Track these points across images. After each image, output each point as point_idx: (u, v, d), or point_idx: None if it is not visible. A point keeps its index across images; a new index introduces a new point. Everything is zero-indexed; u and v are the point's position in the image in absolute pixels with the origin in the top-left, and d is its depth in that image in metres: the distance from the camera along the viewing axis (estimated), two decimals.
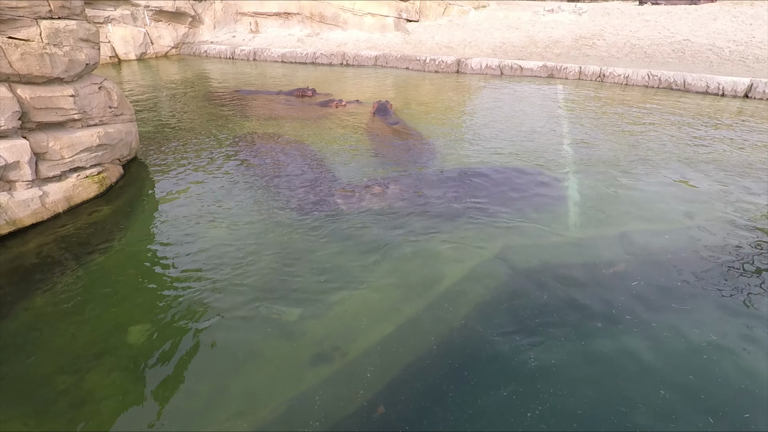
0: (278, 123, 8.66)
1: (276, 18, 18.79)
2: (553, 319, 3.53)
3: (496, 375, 3.03)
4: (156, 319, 3.54)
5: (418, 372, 3.06)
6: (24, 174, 4.74)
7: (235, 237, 4.63)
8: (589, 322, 3.50)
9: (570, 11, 18.03)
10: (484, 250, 4.43)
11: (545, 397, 2.86)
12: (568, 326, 3.45)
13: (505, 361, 3.14)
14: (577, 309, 3.64)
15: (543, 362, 3.12)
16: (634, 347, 3.26)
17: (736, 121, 8.77)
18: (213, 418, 2.76)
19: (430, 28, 17.71)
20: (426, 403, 2.84)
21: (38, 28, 4.83)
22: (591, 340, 3.32)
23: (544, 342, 3.30)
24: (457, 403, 2.83)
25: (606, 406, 2.81)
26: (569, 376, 3.01)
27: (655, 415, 2.75)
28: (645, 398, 2.85)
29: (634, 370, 3.08)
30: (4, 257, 4.30)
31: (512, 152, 7.06)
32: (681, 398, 2.86)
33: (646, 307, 3.66)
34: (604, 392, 2.90)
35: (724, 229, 4.85)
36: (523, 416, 2.74)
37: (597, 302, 3.72)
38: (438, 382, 2.98)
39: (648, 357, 3.18)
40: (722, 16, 16.04)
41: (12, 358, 3.18)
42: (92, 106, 5.54)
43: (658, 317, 3.55)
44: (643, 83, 11.82)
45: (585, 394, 2.89)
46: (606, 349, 3.25)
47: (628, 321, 3.51)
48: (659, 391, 2.90)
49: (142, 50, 16.55)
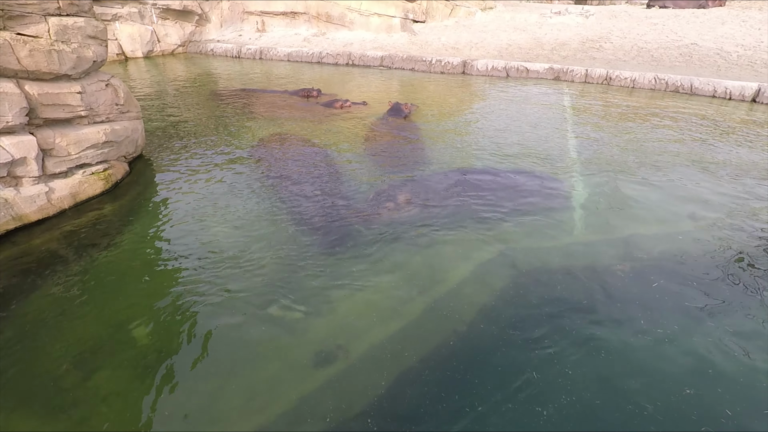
0: (283, 123, 8.67)
1: (282, 17, 18.83)
2: (557, 322, 3.51)
3: (500, 377, 3.02)
4: (160, 316, 3.54)
5: (422, 372, 3.05)
6: (30, 170, 4.77)
7: (240, 235, 4.63)
8: (593, 325, 3.48)
9: (577, 14, 17.96)
10: (488, 252, 4.41)
11: (548, 398, 2.84)
12: (571, 329, 3.43)
13: (508, 363, 3.13)
14: (581, 312, 3.62)
15: (546, 365, 3.11)
16: (638, 350, 3.24)
17: (743, 125, 8.71)
18: (216, 416, 2.76)
19: (437, 29, 17.69)
20: (429, 403, 2.83)
21: (47, 24, 4.86)
22: (595, 343, 3.30)
23: (547, 345, 3.28)
24: (460, 404, 2.81)
25: (609, 407, 2.79)
26: (573, 379, 2.99)
27: (660, 418, 2.73)
28: (649, 400, 2.83)
29: (639, 373, 3.05)
30: (10, 252, 4.33)
31: (517, 154, 7.03)
32: (685, 401, 2.83)
33: (651, 311, 3.63)
34: (607, 394, 2.88)
35: (730, 232, 4.81)
36: (527, 417, 2.73)
37: (602, 306, 3.70)
38: (441, 382, 2.97)
39: (652, 360, 3.15)
40: (730, 20, 15.94)
41: (16, 353, 3.19)
42: (99, 103, 5.56)
43: (664, 321, 3.52)
44: (649, 87, 11.76)
45: (589, 396, 2.87)
46: (610, 352, 3.22)
47: (633, 324, 3.49)
48: (664, 394, 2.88)
49: (149, 48, 16.63)
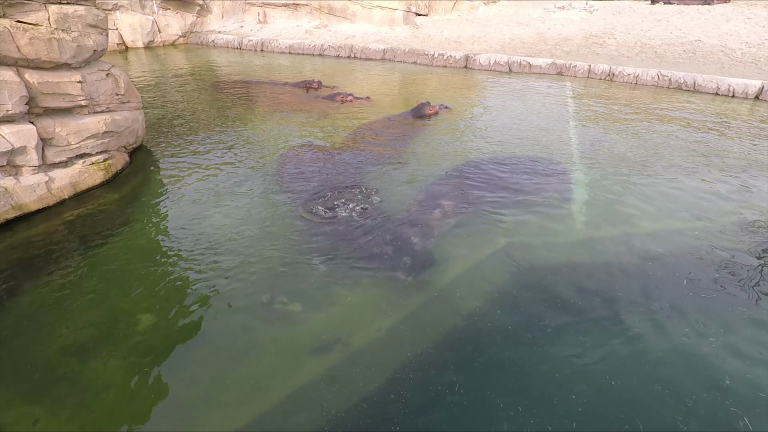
0: (283, 115, 8.63)
1: (284, 9, 18.70)
2: (557, 317, 3.51)
3: (499, 370, 3.02)
4: (159, 306, 3.54)
5: (421, 366, 3.05)
6: (30, 159, 4.75)
7: (240, 226, 4.63)
8: (594, 321, 3.48)
9: (581, 9, 17.84)
10: (489, 247, 4.40)
11: (548, 393, 2.85)
12: (572, 324, 3.43)
13: (507, 357, 3.13)
14: (582, 307, 3.62)
15: (545, 359, 3.11)
16: (639, 346, 3.24)
17: (746, 123, 8.67)
18: (214, 406, 2.77)
19: (440, 22, 17.58)
20: (427, 396, 2.83)
21: (47, 12, 4.82)
22: (596, 339, 3.30)
23: (547, 339, 3.28)
24: (458, 398, 2.82)
25: (611, 404, 2.80)
26: (573, 376, 2.99)
27: (661, 414, 2.73)
28: (651, 397, 2.84)
29: (640, 368, 3.05)
30: (10, 242, 4.32)
31: (519, 150, 7.01)
32: (686, 398, 2.84)
33: (653, 307, 3.63)
34: (608, 390, 2.89)
35: (733, 228, 4.80)
36: (527, 413, 2.73)
37: (603, 301, 3.69)
38: (440, 376, 2.98)
39: (654, 356, 3.15)
40: (735, 17, 15.83)
41: (15, 342, 3.20)
42: (99, 93, 5.53)
43: (666, 317, 3.52)
44: (652, 83, 11.70)
45: (589, 391, 2.87)
46: (611, 348, 3.23)
47: (634, 320, 3.49)
48: (665, 390, 2.89)
49: (150, 38, 16.53)
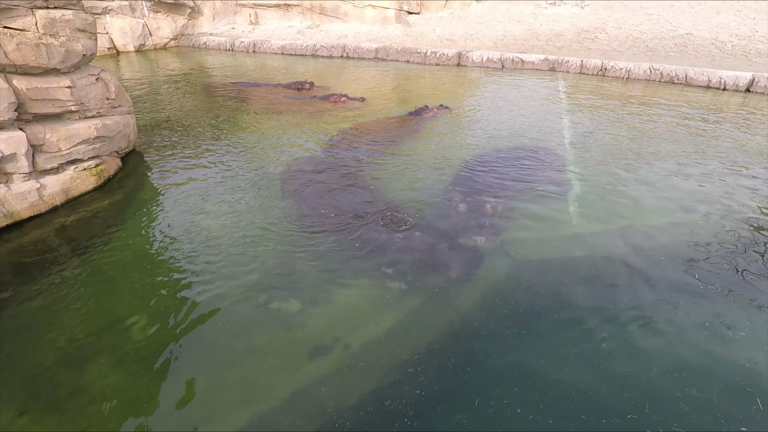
0: (275, 116, 8.59)
1: (276, 9, 18.62)
2: (553, 313, 3.51)
3: (497, 368, 3.02)
4: (154, 311, 3.52)
5: (419, 365, 3.04)
6: (21, 166, 4.70)
7: (235, 229, 4.60)
8: (590, 316, 3.48)
9: (572, 4, 17.86)
10: (485, 244, 4.40)
11: (545, 390, 2.85)
12: (567, 320, 3.43)
13: (505, 354, 3.13)
14: (577, 303, 3.62)
15: (543, 356, 3.11)
16: (634, 341, 3.25)
17: (737, 115, 8.72)
18: (212, 408, 2.75)
19: (432, 20, 17.56)
20: (426, 396, 2.83)
21: (34, 17, 4.77)
22: (591, 334, 3.31)
23: (544, 335, 3.29)
24: (457, 397, 2.81)
25: (608, 401, 2.80)
26: (573, 373, 3.00)
27: (660, 411, 2.74)
28: (648, 392, 2.84)
29: (635, 364, 3.06)
30: (2, 250, 4.28)
31: (513, 146, 7.01)
32: (686, 394, 2.85)
33: (647, 302, 3.64)
34: (607, 386, 2.89)
35: (727, 222, 4.83)
36: (525, 411, 2.73)
37: (598, 297, 3.70)
38: (439, 374, 2.97)
39: (649, 351, 3.16)
40: (725, 10, 15.90)
41: (10, 349, 3.16)
42: (90, 98, 5.48)
43: (660, 311, 3.53)
44: (644, 77, 11.75)
45: (585, 387, 2.87)
46: (607, 344, 3.23)
47: (629, 315, 3.49)
48: (663, 386, 2.89)
49: (141, 42, 16.42)
